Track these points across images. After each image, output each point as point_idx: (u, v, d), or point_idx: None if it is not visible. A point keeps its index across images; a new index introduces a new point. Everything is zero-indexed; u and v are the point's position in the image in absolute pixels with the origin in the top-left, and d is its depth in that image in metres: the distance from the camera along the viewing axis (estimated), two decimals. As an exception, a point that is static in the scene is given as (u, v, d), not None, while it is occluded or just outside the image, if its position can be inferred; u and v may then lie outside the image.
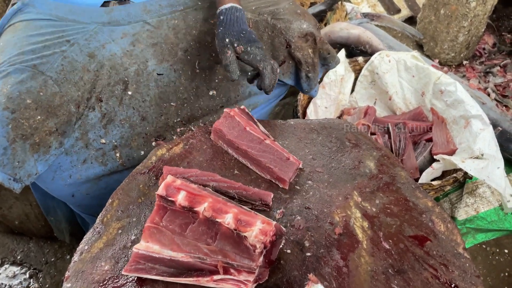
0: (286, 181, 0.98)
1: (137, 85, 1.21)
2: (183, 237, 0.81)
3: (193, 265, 0.79)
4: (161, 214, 0.83)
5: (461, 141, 1.70)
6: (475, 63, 2.61)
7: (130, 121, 1.20)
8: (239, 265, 0.76)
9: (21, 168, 1.02)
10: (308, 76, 1.33)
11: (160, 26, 1.26)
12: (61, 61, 1.10)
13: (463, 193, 1.71)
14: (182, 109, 1.29)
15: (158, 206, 0.83)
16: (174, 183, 0.83)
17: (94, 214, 1.00)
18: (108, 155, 1.19)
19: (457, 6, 2.37)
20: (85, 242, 0.89)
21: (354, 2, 2.99)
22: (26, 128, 1.01)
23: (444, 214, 0.93)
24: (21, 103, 0.99)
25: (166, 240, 0.81)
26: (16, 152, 1.00)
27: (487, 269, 1.68)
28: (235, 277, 0.77)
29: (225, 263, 0.77)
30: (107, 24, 1.21)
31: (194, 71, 1.30)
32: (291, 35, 1.26)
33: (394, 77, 1.95)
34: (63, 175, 1.15)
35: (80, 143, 1.13)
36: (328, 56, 1.37)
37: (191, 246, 0.80)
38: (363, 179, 1.01)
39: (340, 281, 0.79)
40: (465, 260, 0.84)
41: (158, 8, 1.27)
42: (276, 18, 1.28)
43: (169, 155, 1.07)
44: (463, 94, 1.73)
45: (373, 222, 0.90)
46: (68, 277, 0.82)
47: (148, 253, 0.80)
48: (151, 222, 0.82)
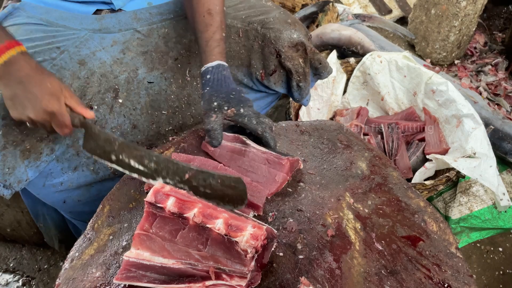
0: (260, 207, 0.90)
1: (127, 93, 1.20)
2: (173, 244, 0.80)
3: (185, 272, 0.78)
4: (150, 220, 0.82)
5: (453, 140, 1.71)
6: (466, 62, 2.62)
7: (121, 129, 1.20)
8: (231, 270, 0.76)
9: (11, 175, 1.01)
10: (299, 85, 1.31)
11: (150, 35, 1.26)
12: (50, 68, 1.09)
13: (457, 192, 1.71)
14: (174, 117, 1.28)
15: (147, 213, 0.82)
16: (163, 189, 0.82)
17: (85, 220, 0.99)
18: (100, 164, 1.18)
19: (448, 6, 2.38)
20: (76, 249, 0.88)
21: (345, 3, 3.00)
22: (17, 135, 1.00)
23: (436, 214, 0.92)
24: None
25: (157, 247, 0.80)
26: (6, 158, 0.99)
27: (481, 267, 1.68)
28: (227, 282, 0.76)
29: (217, 268, 0.76)
30: (97, 31, 1.20)
31: (185, 79, 1.29)
32: (281, 45, 1.24)
33: (386, 78, 1.95)
34: (54, 181, 1.14)
35: (71, 150, 1.13)
36: (319, 66, 1.35)
37: (182, 253, 0.79)
38: (355, 180, 1.01)
39: (333, 283, 0.79)
40: (458, 259, 0.84)
41: (149, 16, 1.27)
42: (266, 27, 1.26)
43: (160, 159, 1.07)
44: (454, 93, 1.74)
45: (365, 223, 0.90)
46: (59, 285, 0.81)
47: (138, 260, 0.79)
48: (141, 229, 0.81)
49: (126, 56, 1.21)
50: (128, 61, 1.21)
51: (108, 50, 1.19)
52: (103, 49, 1.19)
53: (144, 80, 1.22)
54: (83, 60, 1.15)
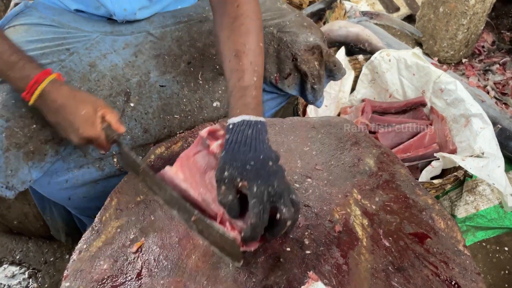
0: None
1: (139, 96, 1.18)
2: (202, 178, 0.88)
3: (199, 205, 0.85)
4: (195, 151, 0.91)
5: (461, 139, 1.70)
6: (474, 61, 2.61)
7: (132, 133, 1.18)
8: (235, 223, 0.80)
9: (14, 177, 1.01)
10: (314, 88, 1.30)
11: (163, 38, 1.24)
12: (59, 70, 1.07)
13: (463, 191, 1.71)
14: (186, 121, 1.25)
15: (196, 144, 0.91)
16: (218, 132, 0.89)
17: (91, 215, 0.99)
18: (106, 161, 1.17)
19: (456, 4, 2.37)
20: (84, 241, 0.88)
21: (353, 1, 2.98)
22: (21, 137, 0.99)
23: (444, 211, 0.92)
24: (15, 112, 0.98)
25: (188, 174, 0.88)
26: (9, 160, 0.99)
27: (487, 267, 1.67)
28: (227, 230, 0.80)
29: (225, 215, 0.82)
30: (109, 33, 1.19)
31: (197, 82, 1.27)
32: (297, 48, 1.23)
33: (394, 76, 1.95)
34: (59, 179, 1.13)
35: (78, 152, 1.12)
36: (334, 68, 1.34)
37: (205, 188, 0.86)
38: (363, 177, 1.01)
39: (340, 279, 0.79)
40: (466, 257, 0.83)
41: (162, 19, 1.25)
42: (282, 31, 1.25)
43: (168, 153, 1.07)
44: (463, 93, 1.73)
45: (373, 219, 0.90)
46: (67, 276, 0.82)
47: (172, 178, 0.87)
48: (186, 154, 0.91)
49: (138, 59, 1.19)
50: (140, 64, 1.19)
51: (119, 53, 1.18)
52: (115, 52, 1.17)
53: (156, 83, 1.20)
54: (94, 62, 1.13)
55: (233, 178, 0.78)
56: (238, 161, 0.79)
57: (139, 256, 0.84)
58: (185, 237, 0.87)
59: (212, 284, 0.78)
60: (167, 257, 0.84)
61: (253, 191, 0.76)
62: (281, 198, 0.76)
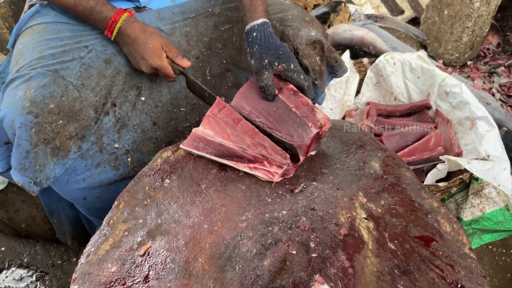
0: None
1: (150, 91, 1.23)
2: (233, 130, 1.02)
3: (236, 152, 0.99)
4: (220, 107, 1.05)
5: (466, 142, 1.70)
6: (479, 63, 2.60)
7: (143, 126, 1.22)
8: (272, 159, 0.97)
9: (42, 172, 1.03)
10: (315, 83, 1.32)
11: (173, 33, 1.28)
12: (79, 67, 1.11)
13: (469, 194, 1.70)
14: (191, 114, 1.30)
15: (219, 101, 1.06)
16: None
17: (102, 217, 1.01)
18: (120, 160, 1.20)
19: (461, 7, 2.37)
20: (92, 244, 0.89)
21: (357, 4, 2.99)
22: (49, 133, 1.01)
23: (450, 214, 0.92)
24: (44, 108, 1.00)
25: (219, 129, 1.02)
26: (38, 156, 1.01)
27: (493, 269, 1.67)
28: (267, 168, 0.97)
29: (262, 155, 0.98)
30: None
31: (205, 77, 1.32)
32: (299, 42, 1.25)
33: (399, 79, 1.95)
34: (77, 178, 1.16)
35: (95, 147, 1.15)
36: (335, 64, 1.36)
37: (238, 137, 1.01)
38: (368, 180, 1.01)
39: (346, 282, 0.79)
40: (471, 260, 0.83)
41: (171, 15, 1.29)
42: (284, 25, 1.28)
43: (175, 157, 1.08)
44: (468, 95, 1.73)
45: (378, 222, 0.90)
46: (75, 279, 0.83)
47: (203, 135, 1.01)
48: (211, 112, 1.04)
49: None
50: None
51: None
52: None
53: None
54: (109, 59, 1.17)
55: (271, 63, 1.06)
56: (272, 49, 1.07)
57: (146, 259, 0.85)
58: (191, 240, 0.88)
59: (218, 287, 0.79)
60: (174, 260, 0.84)
61: (290, 68, 1.07)
62: (303, 72, 1.10)
